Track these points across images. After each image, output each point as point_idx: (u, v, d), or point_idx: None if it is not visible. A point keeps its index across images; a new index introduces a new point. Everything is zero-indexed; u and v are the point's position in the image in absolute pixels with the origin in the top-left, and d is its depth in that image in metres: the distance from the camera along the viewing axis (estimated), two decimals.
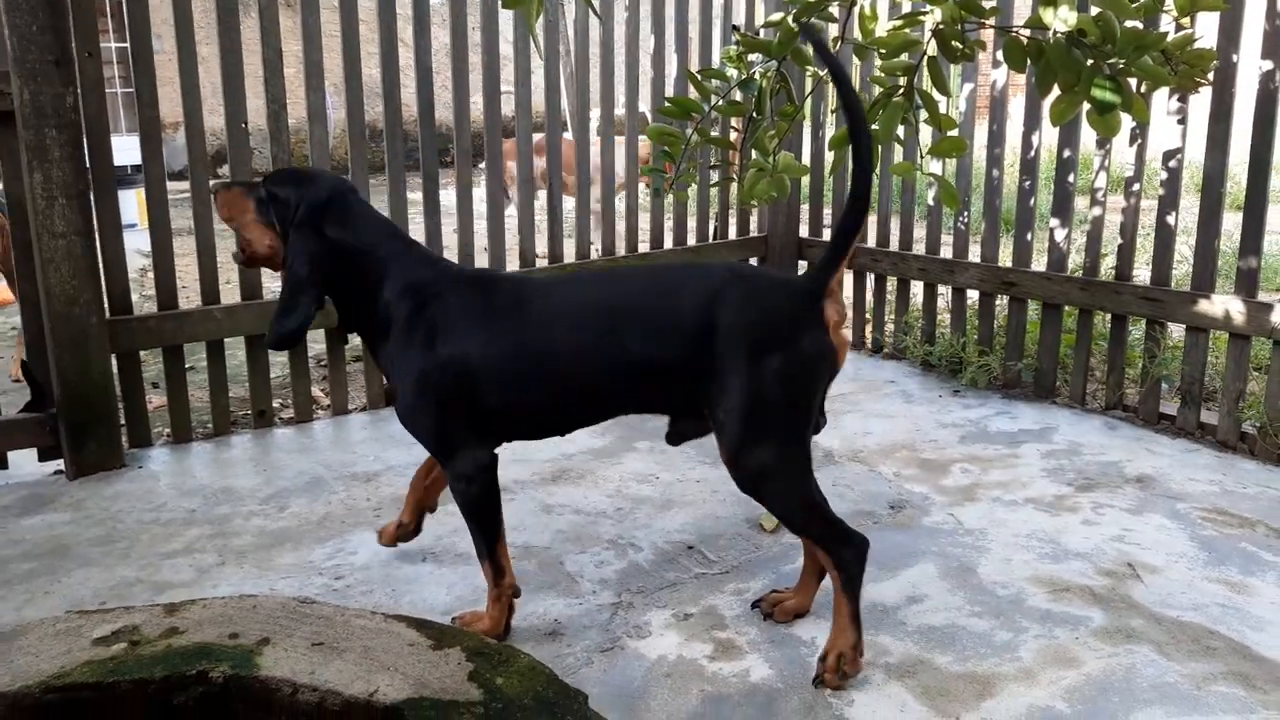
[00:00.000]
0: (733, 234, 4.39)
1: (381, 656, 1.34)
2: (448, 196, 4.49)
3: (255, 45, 3.09)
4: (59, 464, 2.82)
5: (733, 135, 3.81)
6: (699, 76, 2.39)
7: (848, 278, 4.24)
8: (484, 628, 1.94)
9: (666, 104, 2.38)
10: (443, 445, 1.91)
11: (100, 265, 2.76)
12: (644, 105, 4.13)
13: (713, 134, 2.54)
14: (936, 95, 2.25)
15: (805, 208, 4.43)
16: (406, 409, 1.91)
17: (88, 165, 2.65)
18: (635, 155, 3.99)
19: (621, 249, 4.01)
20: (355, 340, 3.38)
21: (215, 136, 9.97)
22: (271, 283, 4.34)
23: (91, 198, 2.68)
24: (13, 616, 2.04)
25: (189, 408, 3.07)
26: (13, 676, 1.32)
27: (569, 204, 5.47)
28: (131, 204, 6.95)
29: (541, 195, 3.73)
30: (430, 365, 1.85)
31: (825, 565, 1.87)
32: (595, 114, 4.12)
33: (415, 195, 3.51)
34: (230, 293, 3.24)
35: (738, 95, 2.40)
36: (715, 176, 4.06)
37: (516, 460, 2.98)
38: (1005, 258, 3.86)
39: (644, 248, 4.09)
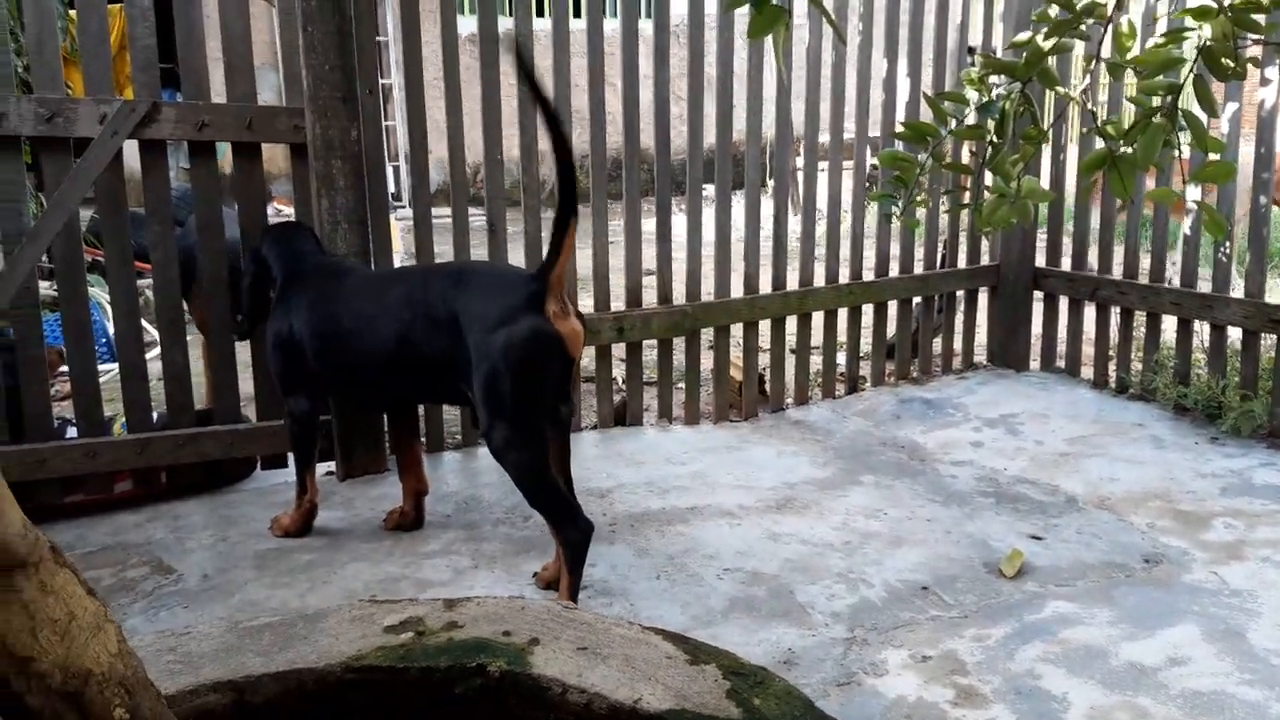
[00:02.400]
0: (962, 262, 4.25)
1: (641, 666, 1.40)
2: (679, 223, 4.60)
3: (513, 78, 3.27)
4: (330, 465, 3.10)
5: (965, 159, 3.70)
6: (937, 100, 2.35)
7: (1089, 309, 4.01)
8: (283, 524, 2.62)
9: (902, 128, 2.35)
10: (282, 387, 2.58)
11: None
12: (874, 130, 4.08)
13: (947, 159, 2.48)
14: (1199, 114, 2.10)
15: (1041, 235, 4.24)
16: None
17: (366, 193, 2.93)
18: (864, 181, 3.96)
19: (844, 275, 3.98)
20: (588, 360, 3.54)
21: (472, 167, 10.67)
22: None
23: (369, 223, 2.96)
24: (298, 602, 2.28)
25: (442, 420, 3.31)
26: (318, 655, 1.48)
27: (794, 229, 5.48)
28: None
29: (767, 222, 3.77)
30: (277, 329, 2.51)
31: (555, 540, 2.18)
32: (824, 138, 4.11)
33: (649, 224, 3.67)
34: None
35: (973, 118, 2.34)
36: (946, 203, 3.96)
37: (740, 486, 3.02)
38: (1274, 294, 3.53)
39: (869, 275, 4.04)
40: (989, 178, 2.51)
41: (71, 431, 2.83)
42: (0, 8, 2.50)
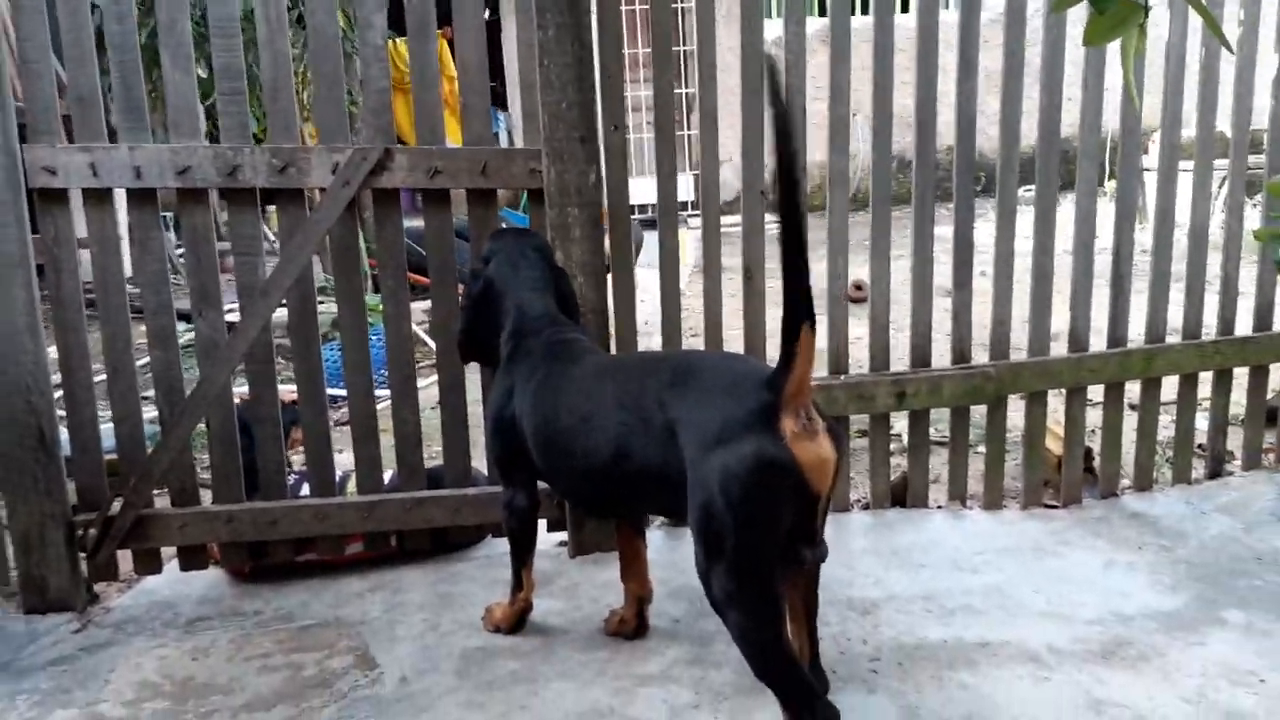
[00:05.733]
0: None
1: None
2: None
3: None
4: (563, 535, 2.81)
5: None
6: None
7: None
8: (494, 618, 2.34)
9: None
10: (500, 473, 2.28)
11: (613, 343, 2.70)
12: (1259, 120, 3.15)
13: None
14: None
15: None
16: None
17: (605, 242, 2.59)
18: (1240, 210, 3.06)
19: (1212, 329, 3.10)
20: (861, 424, 2.97)
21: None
22: None
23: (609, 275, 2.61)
24: None
25: None
26: None
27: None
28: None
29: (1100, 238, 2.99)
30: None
31: None
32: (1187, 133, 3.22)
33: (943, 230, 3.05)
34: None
35: None
36: None
37: (1051, 614, 2.35)
38: None
39: (1243, 328, 3.12)
40: None
41: (305, 489, 2.74)
42: (236, 55, 2.41)
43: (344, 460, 2.93)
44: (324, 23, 2.41)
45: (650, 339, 4.38)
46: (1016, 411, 3.09)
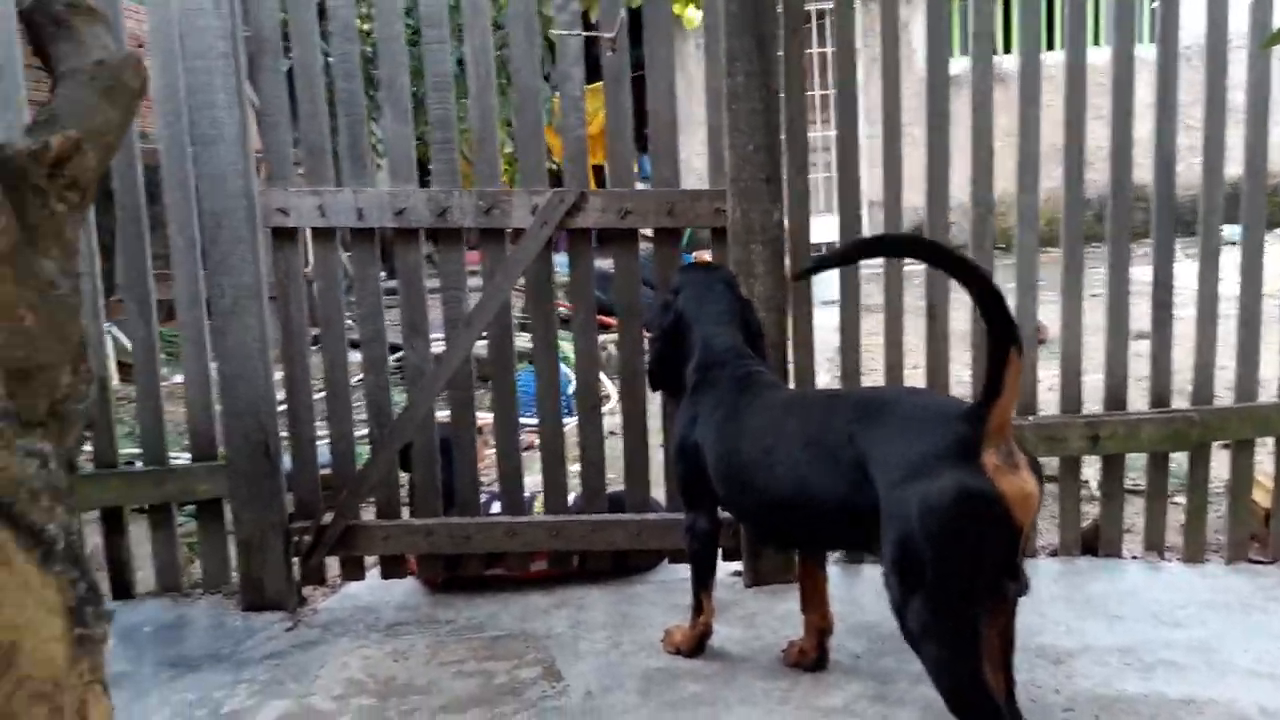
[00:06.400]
0: None
1: None
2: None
3: (962, 117, 2.77)
4: (736, 565, 2.85)
5: None
6: None
7: None
8: (674, 640, 2.39)
9: None
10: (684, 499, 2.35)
11: (791, 375, 2.75)
12: None
13: None
14: None
15: None
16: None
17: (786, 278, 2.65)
18: None
19: None
20: (1050, 469, 2.89)
21: (915, 210, 10.13)
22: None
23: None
24: None
25: None
26: None
27: None
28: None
29: None
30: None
31: None
32: None
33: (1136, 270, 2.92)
34: None
35: None
36: None
37: (1263, 674, 2.20)
38: None
39: None
40: None
41: (495, 506, 2.90)
42: (449, 108, 2.62)
43: (528, 483, 3.09)
44: (528, 80, 2.60)
45: (822, 377, 4.38)
46: (1219, 462, 2.92)
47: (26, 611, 0.92)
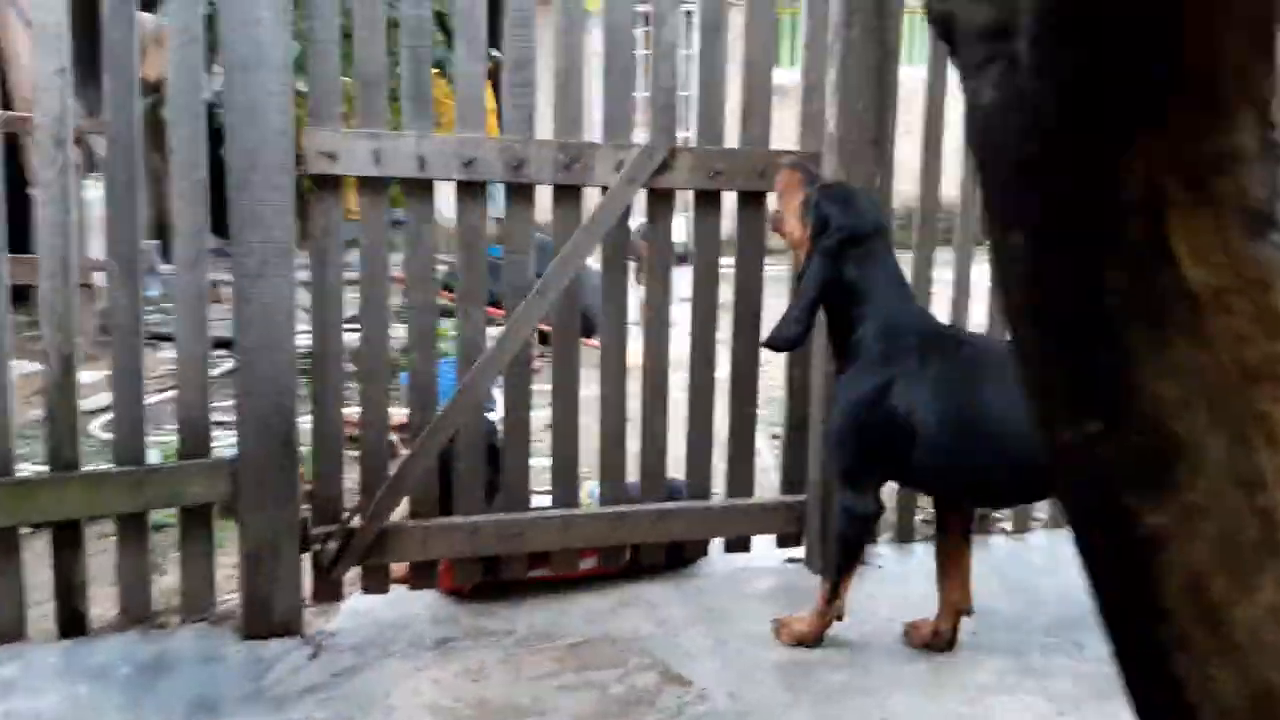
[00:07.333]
0: None
1: None
2: None
3: None
4: (794, 552, 2.74)
5: None
6: None
7: None
8: (795, 631, 2.25)
9: None
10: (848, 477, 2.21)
11: None
12: None
13: None
14: None
15: None
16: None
17: None
18: None
19: None
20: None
21: None
22: None
23: None
24: None
25: (913, 505, 2.87)
26: None
27: None
28: None
29: None
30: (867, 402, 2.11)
31: None
32: None
33: None
34: None
35: None
36: None
37: None
38: None
39: None
40: None
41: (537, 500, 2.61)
42: (530, 45, 2.30)
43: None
44: (620, 19, 2.34)
45: None
46: None
47: None
